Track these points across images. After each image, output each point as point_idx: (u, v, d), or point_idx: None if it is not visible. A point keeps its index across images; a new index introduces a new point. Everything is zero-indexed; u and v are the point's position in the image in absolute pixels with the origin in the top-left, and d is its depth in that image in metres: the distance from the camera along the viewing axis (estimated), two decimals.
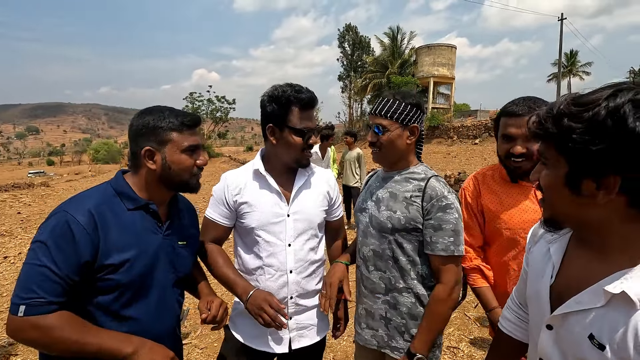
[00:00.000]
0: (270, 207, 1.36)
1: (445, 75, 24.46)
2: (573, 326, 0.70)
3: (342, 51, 34.38)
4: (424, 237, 1.25)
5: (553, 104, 0.67)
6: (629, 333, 0.62)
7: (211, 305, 1.19)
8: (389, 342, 1.33)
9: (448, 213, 1.22)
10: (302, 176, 1.42)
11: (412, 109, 1.29)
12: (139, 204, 1.08)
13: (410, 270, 1.28)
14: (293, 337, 1.41)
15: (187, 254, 1.23)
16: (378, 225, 1.31)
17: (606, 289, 0.64)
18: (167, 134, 1.07)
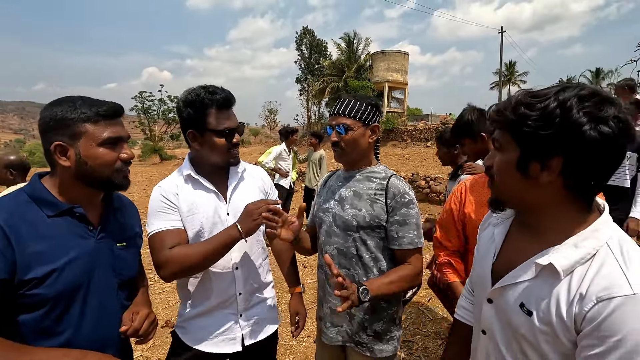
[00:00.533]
0: (210, 208, 1.34)
1: (399, 80, 25.44)
2: (508, 298, 0.81)
3: (300, 54, 34.48)
4: (389, 233, 1.32)
5: (511, 97, 0.77)
6: (552, 300, 0.72)
7: (135, 317, 1.10)
8: (353, 337, 1.37)
9: (411, 208, 1.30)
10: (235, 174, 1.43)
11: (372, 109, 1.35)
12: (60, 209, 0.99)
13: (373, 267, 1.33)
14: (245, 334, 1.40)
15: (129, 255, 1.16)
16: (343, 224, 1.35)
17: (537, 262, 0.75)
18: (79, 125, 0.97)
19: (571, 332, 0.70)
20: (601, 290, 0.66)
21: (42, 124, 0.99)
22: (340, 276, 1.11)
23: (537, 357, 0.76)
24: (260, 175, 1.54)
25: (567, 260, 0.72)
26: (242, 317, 1.41)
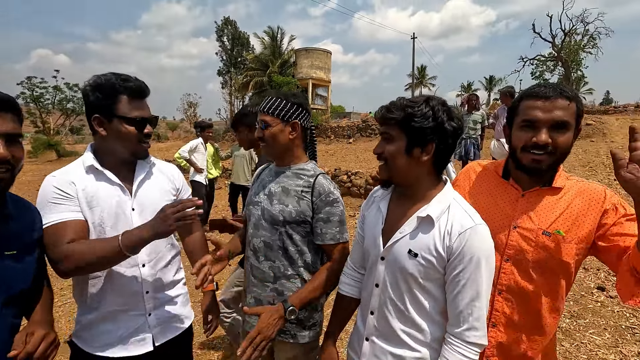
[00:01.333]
0: (112, 202, 1.26)
1: (322, 78, 26.12)
2: (398, 249, 1.08)
3: (221, 45, 33.04)
4: (313, 229, 1.38)
5: (393, 102, 1.07)
6: (430, 241, 1.02)
7: (30, 339, 0.98)
8: None
9: (335, 207, 1.37)
10: (142, 168, 1.37)
11: (292, 106, 1.38)
12: None
13: (298, 259, 1.39)
14: (155, 334, 1.34)
15: (20, 265, 1.02)
16: (270, 218, 1.37)
17: (418, 215, 1.06)
18: None
19: (444, 260, 1.01)
20: (459, 227, 0.99)
21: None
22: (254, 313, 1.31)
23: (419, 289, 1.05)
24: (171, 172, 1.48)
25: (436, 211, 1.04)
26: (151, 316, 1.34)
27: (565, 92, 1.07)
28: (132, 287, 1.29)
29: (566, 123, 1.06)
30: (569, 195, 1.13)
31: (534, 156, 1.09)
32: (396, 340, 1.10)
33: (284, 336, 1.40)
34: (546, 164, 1.09)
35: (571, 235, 1.10)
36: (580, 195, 1.12)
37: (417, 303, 1.07)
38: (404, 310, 1.08)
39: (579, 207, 1.11)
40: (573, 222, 1.11)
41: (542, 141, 1.06)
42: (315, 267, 1.42)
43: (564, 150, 1.09)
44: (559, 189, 1.14)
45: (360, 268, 1.33)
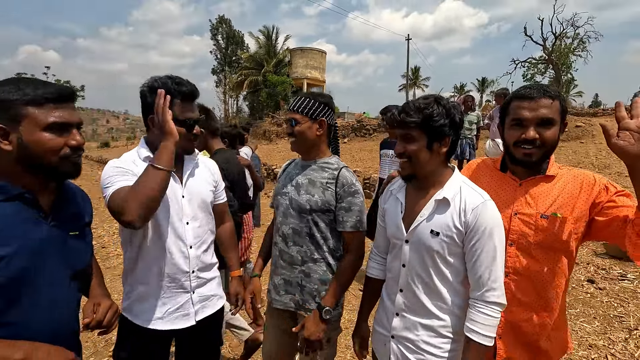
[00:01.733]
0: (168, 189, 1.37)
1: (317, 77, 26.20)
2: (420, 232, 1.24)
3: (216, 44, 32.86)
4: (336, 217, 1.50)
5: (406, 105, 1.22)
6: (448, 220, 1.19)
7: (97, 309, 1.11)
8: (304, 305, 1.53)
9: (356, 197, 1.49)
10: (190, 162, 1.52)
11: (319, 105, 1.51)
12: (9, 194, 0.94)
13: (323, 245, 1.51)
14: (197, 310, 1.49)
15: (82, 244, 1.13)
16: (298, 207, 1.50)
17: (435, 199, 1.22)
18: (21, 108, 0.92)
19: (463, 234, 1.17)
20: (471, 204, 1.16)
21: None
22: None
23: (443, 263, 1.21)
24: (211, 167, 1.64)
25: (451, 193, 1.21)
26: (195, 294, 1.48)
27: (549, 92, 1.21)
28: (181, 266, 1.43)
29: (551, 119, 1.20)
30: (562, 181, 1.27)
31: (524, 150, 1.23)
32: (424, 312, 1.25)
33: (310, 314, 1.52)
34: (536, 157, 1.23)
35: (567, 215, 1.23)
36: (573, 180, 1.26)
37: (441, 275, 1.22)
38: (430, 284, 1.24)
39: (572, 191, 1.24)
40: (568, 204, 1.23)
41: (530, 137, 1.20)
42: (338, 252, 1.54)
43: (551, 143, 1.23)
44: (553, 176, 1.28)
45: (383, 253, 1.47)
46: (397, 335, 1.31)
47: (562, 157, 9.11)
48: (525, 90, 1.24)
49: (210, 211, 1.58)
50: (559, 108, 1.21)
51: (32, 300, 0.96)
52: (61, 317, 1.04)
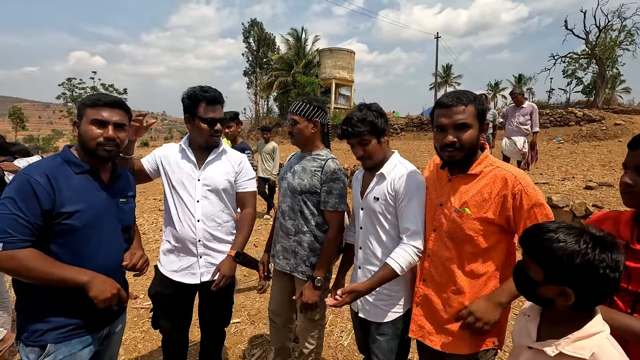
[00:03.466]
0: (185, 171, 1.87)
1: (345, 78, 26.41)
2: (368, 199, 1.63)
3: (248, 46, 33.96)
4: (321, 198, 1.85)
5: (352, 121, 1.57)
6: (384, 188, 1.58)
7: (134, 256, 1.51)
8: (297, 268, 1.92)
9: (336, 183, 1.84)
10: (214, 153, 1.93)
11: (314, 108, 1.87)
12: (83, 168, 1.37)
13: (311, 220, 1.88)
14: (203, 272, 1.90)
15: (128, 209, 1.55)
16: (292, 189, 1.89)
17: (377, 174, 1.62)
18: (83, 109, 1.37)
19: (393, 198, 1.55)
20: (398, 174, 1.57)
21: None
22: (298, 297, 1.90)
23: (384, 219, 1.59)
24: (236, 159, 2.02)
25: (387, 169, 1.60)
26: (201, 259, 1.90)
27: (462, 99, 1.34)
28: (189, 235, 1.85)
29: (466, 123, 1.33)
30: (483, 181, 1.38)
31: (447, 153, 1.37)
32: (377, 262, 1.61)
33: (302, 275, 1.91)
34: (459, 157, 1.37)
35: (474, 212, 1.36)
36: (492, 180, 1.36)
37: (385, 231, 1.60)
38: (378, 239, 1.61)
39: (487, 191, 1.35)
40: (480, 202, 1.36)
41: (449, 141, 1.35)
42: (324, 227, 1.90)
43: (469, 144, 1.35)
44: (476, 175, 1.40)
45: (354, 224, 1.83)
46: None
47: (594, 155, 8.81)
48: (442, 98, 1.39)
49: (223, 196, 1.94)
50: (473, 112, 1.34)
51: (95, 242, 1.37)
52: (115, 258, 1.46)
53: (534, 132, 5.62)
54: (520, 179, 1.33)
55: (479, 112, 1.37)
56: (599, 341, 0.91)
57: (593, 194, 5.23)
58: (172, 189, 1.87)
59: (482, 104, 1.41)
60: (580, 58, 24.45)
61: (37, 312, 1.29)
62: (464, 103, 1.34)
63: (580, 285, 0.89)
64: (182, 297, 1.93)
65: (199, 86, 1.84)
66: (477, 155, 1.42)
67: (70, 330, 1.32)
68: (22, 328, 1.30)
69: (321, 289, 1.87)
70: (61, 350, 1.30)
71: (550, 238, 0.91)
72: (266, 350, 2.68)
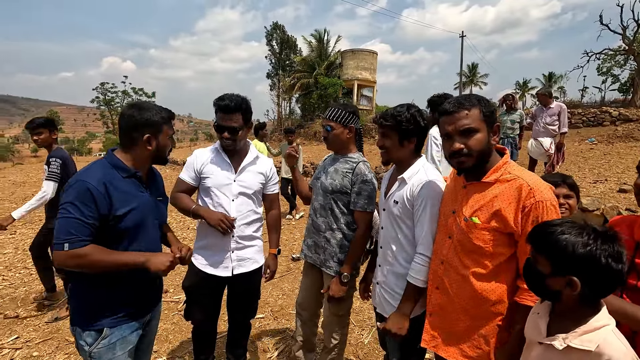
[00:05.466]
0: (222, 173, 2.00)
1: (367, 78, 26.32)
2: (389, 201, 1.68)
3: (270, 49, 34.41)
4: (350, 198, 1.94)
5: (384, 112, 1.64)
6: (403, 193, 1.61)
7: (182, 249, 1.61)
8: (325, 263, 2.02)
9: (366, 185, 1.92)
10: (248, 158, 2.07)
11: (348, 114, 1.97)
12: (130, 173, 1.49)
13: (341, 218, 1.98)
14: (234, 266, 2.04)
15: (164, 206, 1.71)
16: (324, 188, 2.00)
17: (398, 177, 1.65)
18: (161, 126, 1.53)
19: (411, 203, 1.57)
20: (418, 180, 1.57)
21: (136, 121, 1.46)
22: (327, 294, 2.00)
23: (402, 222, 1.62)
24: (266, 165, 2.18)
25: (408, 174, 1.61)
26: (234, 253, 2.04)
27: (464, 103, 1.29)
28: None
29: (471, 128, 1.27)
30: (496, 190, 1.29)
31: (456, 160, 1.32)
32: (394, 262, 1.66)
33: (330, 271, 2.01)
34: (469, 164, 1.30)
35: (482, 222, 1.29)
36: (505, 190, 1.27)
37: (403, 233, 1.64)
38: (396, 240, 1.65)
39: (499, 200, 1.27)
40: (491, 212, 1.28)
41: (455, 148, 1.29)
42: (353, 225, 1.99)
43: (479, 149, 1.28)
44: (490, 183, 1.32)
45: None
46: (380, 281, 1.74)
47: (630, 158, 8.40)
48: (444, 105, 1.33)
49: (254, 197, 2.10)
50: (478, 115, 1.28)
51: (141, 238, 1.52)
52: (155, 248, 1.60)
53: (562, 132, 5.45)
54: (536, 191, 1.22)
55: (485, 114, 1.30)
56: (604, 334, 0.94)
57: (627, 197, 5.02)
58: (210, 190, 1.99)
59: (489, 105, 1.32)
60: (617, 54, 23.27)
61: (94, 302, 1.45)
62: (466, 107, 1.29)
63: (586, 275, 0.93)
64: (214, 289, 2.08)
65: (224, 94, 1.96)
66: (493, 162, 1.35)
67: (121, 317, 1.48)
68: (80, 315, 1.46)
69: (347, 285, 1.95)
70: (115, 334, 1.46)
71: (555, 231, 0.97)
72: (289, 345, 2.78)
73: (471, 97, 1.31)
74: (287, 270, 4.32)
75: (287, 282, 4.01)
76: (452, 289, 1.41)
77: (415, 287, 1.53)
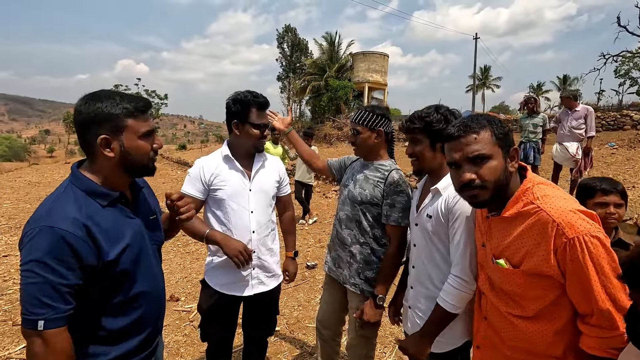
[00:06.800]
0: (236, 183, 1.80)
1: (378, 81, 26.11)
2: (422, 215, 1.49)
3: (281, 52, 34.47)
4: (382, 210, 1.76)
5: (412, 115, 1.49)
6: (438, 206, 1.42)
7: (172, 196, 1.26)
8: (349, 280, 1.84)
9: (400, 196, 1.74)
10: (258, 160, 1.89)
11: (377, 117, 1.79)
12: (111, 198, 1.09)
13: (369, 231, 1.79)
14: (254, 284, 1.86)
15: (158, 223, 1.33)
16: (352, 198, 1.82)
17: (431, 189, 1.46)
18: (123, 120, 1.05)
19: (446, 218, 1.38)
20: (453, 194, 1.31)
21: (84, 118, 1.04)
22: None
23: (437, 239, 1.44)
24: (278, 165, 2.02)
25: (443, 185, 1.43)
26: (255, 270, 1.85)
27: (471, 126, 1.09)
28: None
29: (481, 155, 1.07)
30: (519, 226, 1.08)
31: (467, 193, 1.11)
32: (429, 284, 1.47)
33: (355, 288, 1.83)
34: (484, 197, 1.09)
35: (515, 267, 1.08)
36: (530, 228, 1.05)
37: (439, 252, 1.44)
38: (431, 259, 1.46)
39: (526, 240, 1.06)
40: (519, 254, 1.07)
41: (465, 179, 1.08)
42: (382, 240, 1.81)
43: (494, 179, 1.07)
44: (511, 218, 1.11)
45: None
46: (412, 305, 1.56)
47: None
48: (449, 129, 1.16)
49: (271, 203, 1.93)
50: (490, 138, 1.08)
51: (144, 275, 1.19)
52: (158, 278, 1.30)
53: (589, 136, 5.18)
54: (565, 227, 0.97)
55: (498, 136, 1.09)
56: None
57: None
58: (223, 203, 1.78)
59: (502, 126, 1.11)
60: (635, 56, 22.62)
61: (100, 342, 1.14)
62: (474, 130, 1.09)
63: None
64: (231, 308, 1.91)
65: (247, 91, 1.78)
66: (513, 189, 1.12)
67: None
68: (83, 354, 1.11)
69: (383, 307, 1.78)
70: None
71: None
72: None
73: (479, 118, 1.12)
74: (302, 279, 4.15)
75: (302, 291, 3.85)
76: (497, 324, 1.21)
77: (445, 311, 1.34)
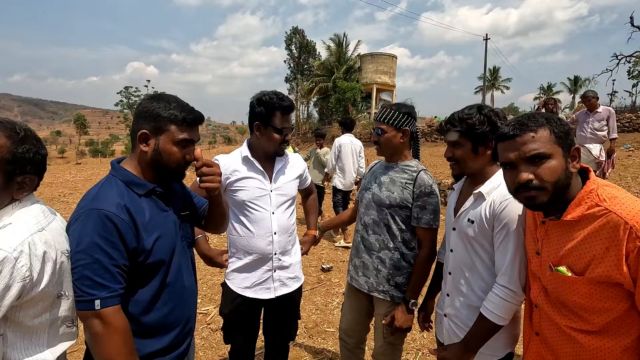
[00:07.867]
0: (256, 184, 1.74)
1: (387, 82, 25.99)
2: (462, 220, 1.41)
3: (289, 53, 34.53)
4: (412, 213, 1.69)
5: (451, 116, 1.41)
6: (482, 211, 1.34)
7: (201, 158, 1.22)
8: (377, 287, 1.76)
9: (431, 198, 1.67)
10: (280, 161, 1.83)
11: (403, 116, 1.71)
12: (147, 189, 1.15)
13: (398, 236, 1.72)
14: (276, 287, 1.80)
15: (190, 220, 1.37)
16: (379, 201, 1.74)
17: (474, 192, 1.38)
18: (166, 124, 1.12)
19: (491, 224, 1.30)
20: (501, 197, 1.28)
21: (138, 110, 1.15)
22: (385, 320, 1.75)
23: (478, 246, 1.36)
24: (298, 163, 1.95)
25: (487, 188, 1.35)
26: (276, 272, 1.80)
27: (527, 124, 1.03)
28: (265, 249, 1.76)
29: (540, 155, 1.01)
30: (584, 229, 1.00)
31: (524, 195, 1.05)
32: (468, 292, 1.40)
33: (384, 295, 1.76)
34: (543, 199, 1.02)
35: (579, 275, 1.00)
36: (598, 231, 0.97)
37: (480, 259, 1.37)
38: (471, 267, 1.39)
39: (592, 245, 0.97)
40: (584, 260, 0.99)
41: (522, 180, 1.02)
42: (412, 244, 1.74)
43: (554, 181, 1.00)
44: (574, 221, 1.02)
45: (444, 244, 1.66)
46: (449, 313, 1.48)
47: None
48: (502, 129, 1.10)
49: (292, 203, 1.88)
50: (548, 137, 1.01)
51: (176, 271, 1.22)
52: (190, 276, 1.32)
53: (612, 138, 5.08)
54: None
55: (558, 135, 1.02)
56: None
57: None
58: (245, 204, 1.74)
59: (561, 124, 1.04)
60: None
61: None
62: (531, 129, 1.02)
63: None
64: (253, 312, 1.86)
65: (273, 93, 1.69)
66: (575, 190, 1.04)
67: None
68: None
69: (414, 313, 1.72)
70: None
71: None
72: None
73: (536, 116, 1.06)
74: (317, 282, 4.11)
75: (319, 295, 3.79)
76: (553, 339, 1.12)
77: (490, 322, 1.27)
